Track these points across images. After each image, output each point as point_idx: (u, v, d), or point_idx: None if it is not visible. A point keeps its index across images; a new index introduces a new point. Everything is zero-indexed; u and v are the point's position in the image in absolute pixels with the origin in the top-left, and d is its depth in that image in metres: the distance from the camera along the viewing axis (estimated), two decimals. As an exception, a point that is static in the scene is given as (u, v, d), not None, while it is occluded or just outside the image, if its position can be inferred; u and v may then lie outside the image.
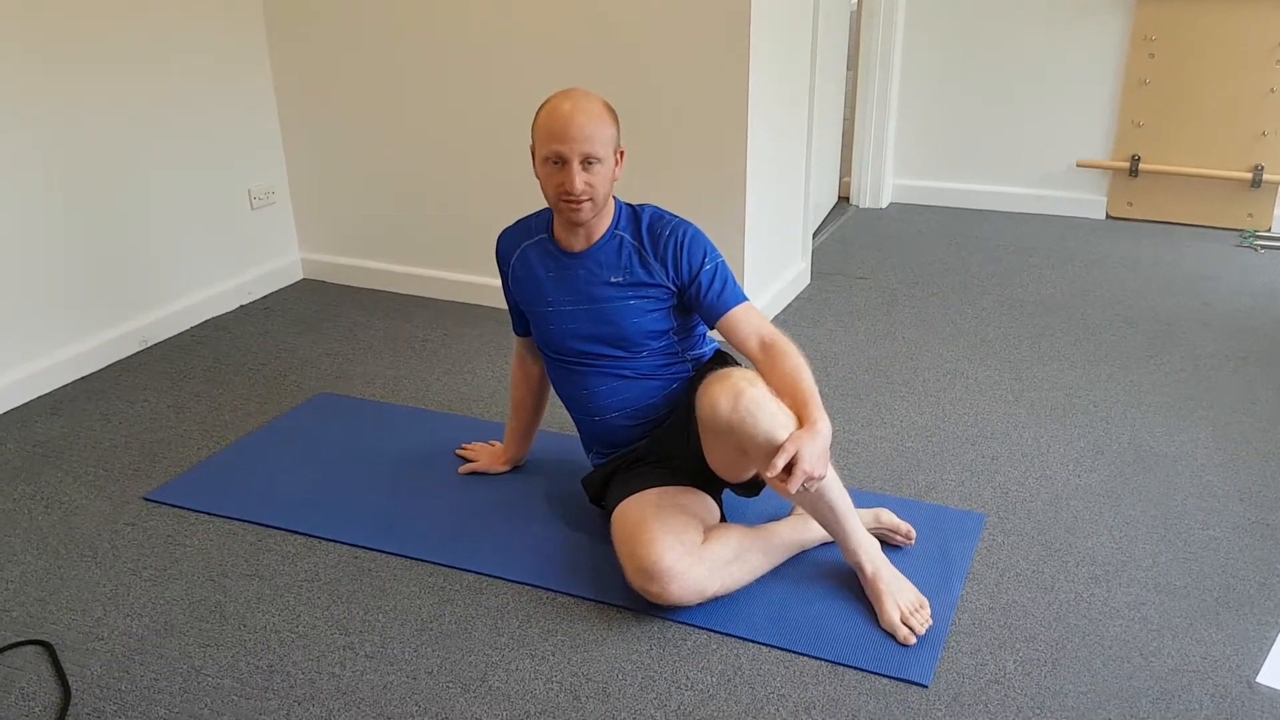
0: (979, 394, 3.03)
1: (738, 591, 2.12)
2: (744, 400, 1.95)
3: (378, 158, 3.78)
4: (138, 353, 3.39)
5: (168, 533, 2.42)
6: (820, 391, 2.05)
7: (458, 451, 2.68)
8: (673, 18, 3.15)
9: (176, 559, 2.32)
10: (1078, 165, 4.65)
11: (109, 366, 3.30)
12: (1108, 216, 4.67)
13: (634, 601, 2.12)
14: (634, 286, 2.21)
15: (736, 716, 1.84)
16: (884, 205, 4.93)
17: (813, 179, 3.80)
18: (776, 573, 2.18)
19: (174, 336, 3.52)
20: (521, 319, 2.44)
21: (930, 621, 2.05)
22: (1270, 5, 4.16)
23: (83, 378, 3.22)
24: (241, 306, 3.77)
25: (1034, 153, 4.71)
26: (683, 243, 2.21)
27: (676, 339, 2.28)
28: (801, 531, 2.24)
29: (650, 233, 2.24)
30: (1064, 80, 4.55)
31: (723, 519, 2.25)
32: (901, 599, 2.06)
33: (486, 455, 2.63)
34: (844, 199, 5.01)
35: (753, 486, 2.23)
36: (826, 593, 2.14)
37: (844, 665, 1.95)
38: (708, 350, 2.36)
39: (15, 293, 3.04)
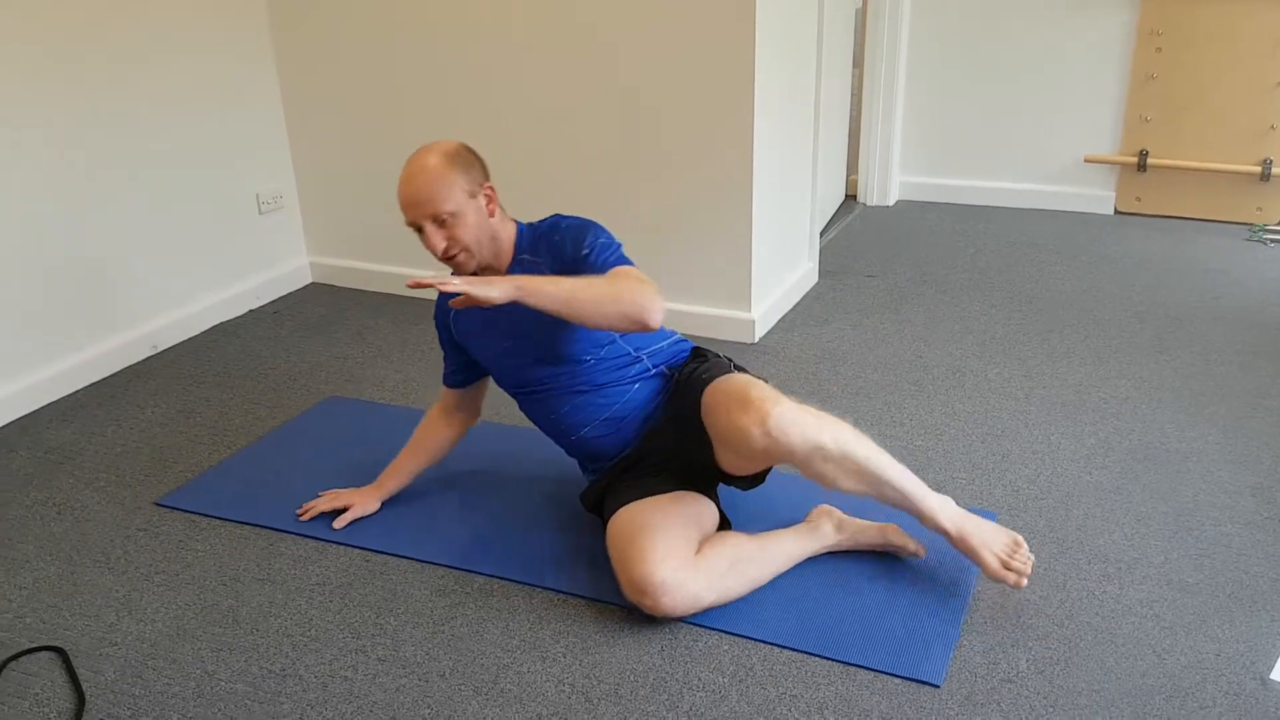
0: (988, 391, 3.02)
1: (747, 595, 2.12)
2: (771, 422, 1.95)
3: (385, 161, 3.78)
4: (148, 358, 3.40)
5: (179, 538, 2.42)
6: (829, 390, 2.04)
7: (320, 506, 2.47)
8: (677, 18, 3.15)
9: (189, 564, 2.33)
10: (1085, 161, 4.64)
11: (119, 372, 3.31)
12: (1116, 212, 4.66)
13: (645, 603, 2.12)
14: None
15: (748, 717, 1.84)
16: (891, 203, 4.93)
17: (819, 177, 3.80)
18: (788, 573, 2.18)
19: (184, 342, 3.53)
20: (456, 371, 2.43)
21: (1032, 557, 2.10)
22: (1278, -2, 4.16)
23: (94, 384, 3.23)
24: (251, 311, 3.78)
25: (1041, 149, 4.70)
26: (565, 238, 2.20)
27: (622, 339, 2.25)
28: (807, 541, 2.22)
29: (546, 244, 2.23)
30: (1071, 76, 4.54)
31: (722, 517, 2.25)
32: (996, 546, 2.08)
33: (358, 497, 2.45)
34: (851, 197, 5.00)
35: (755, 479, 2.24)
36: (838, 593, 2.14)
37: (856, 665, 1.95)
38: (673, 344, 2.32)
39: (25, 299, 3.05)
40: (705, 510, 2.19)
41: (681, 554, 2.04)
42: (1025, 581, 2.05)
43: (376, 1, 3.56)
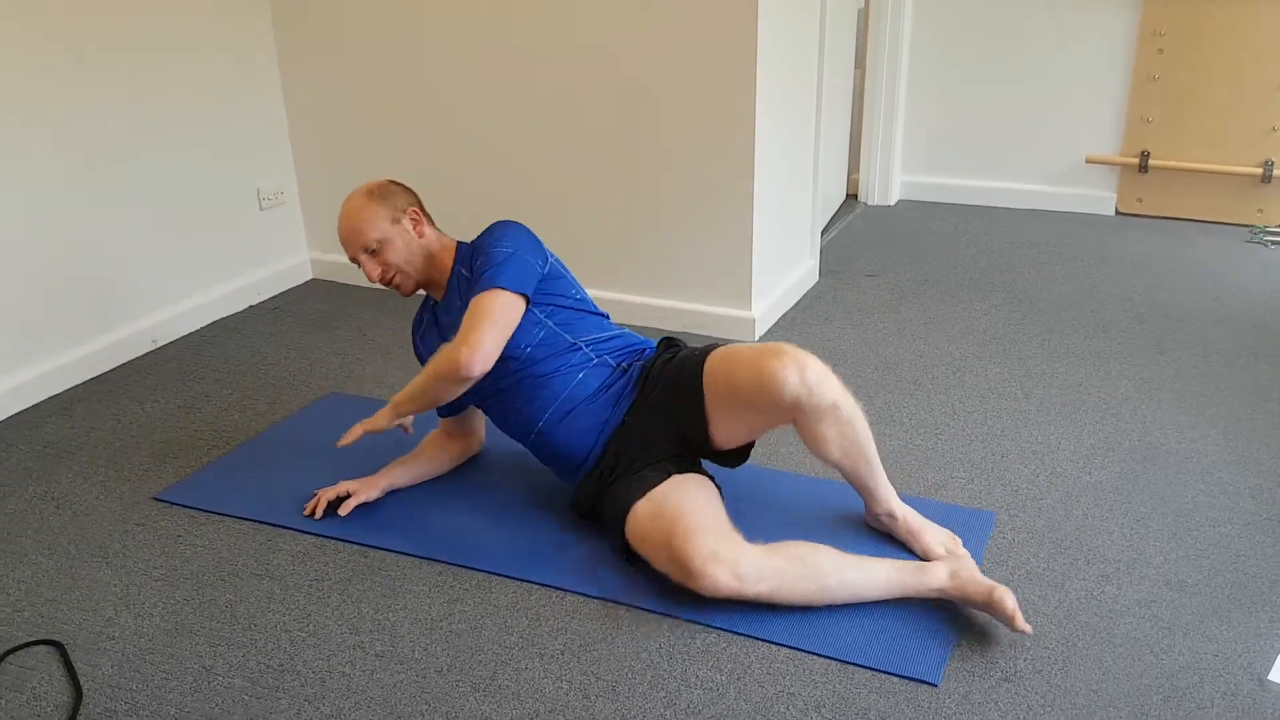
0: (988, 391, 3.02)
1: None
2: (810, 373, 2.05)
3: (386, 157, 3.79)
4: (148, 353, 3.40)
5: (178, 532, 2.42)
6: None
7: (325, 496, 2.46)
8: (679, 16, 3.15)
9: (187, 559, 2.33)
10: (1087, 161, 4.63)
11: (119, 367, 3.31)
12: (1117, 212, 4.66)
13: (643, 600, 2.12)
14: None
15: (746, 715, 1.84)
16: (892, 202, 4.93)
17: (821, 176, 3.80)
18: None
19: (184, 337, 3.53)
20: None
21: (966, 553, 2.18)
22: (1280, 0, 4.15)
23: (93, 378, 3.23)
24: (251, 307, 3.78)
25: (1043, 149, 4.69)
26: (479, 251, 2.32)
27: (558, 328, 2.33)
28: (909, 576, 2.09)
29: (474, 253, 2.35)
30: (1073, 76, 4.54)
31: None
32: (940, 535, 2.23)
33: (359, 485, 2.46)
34: (852, 196, 5.00)
35: (741, 455, 2.31)
36: (836, 591, 2.14)
37: (854, 664, 1.95)
38: (614, 337, 2.39)
39: (25, 293, 3.05)
40: (711, 488, 2.24)
41: (723, 528, 2.09)
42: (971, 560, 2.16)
43: (379, 4, 3.57)
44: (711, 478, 2.29)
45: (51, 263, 3.11)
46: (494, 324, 2.20)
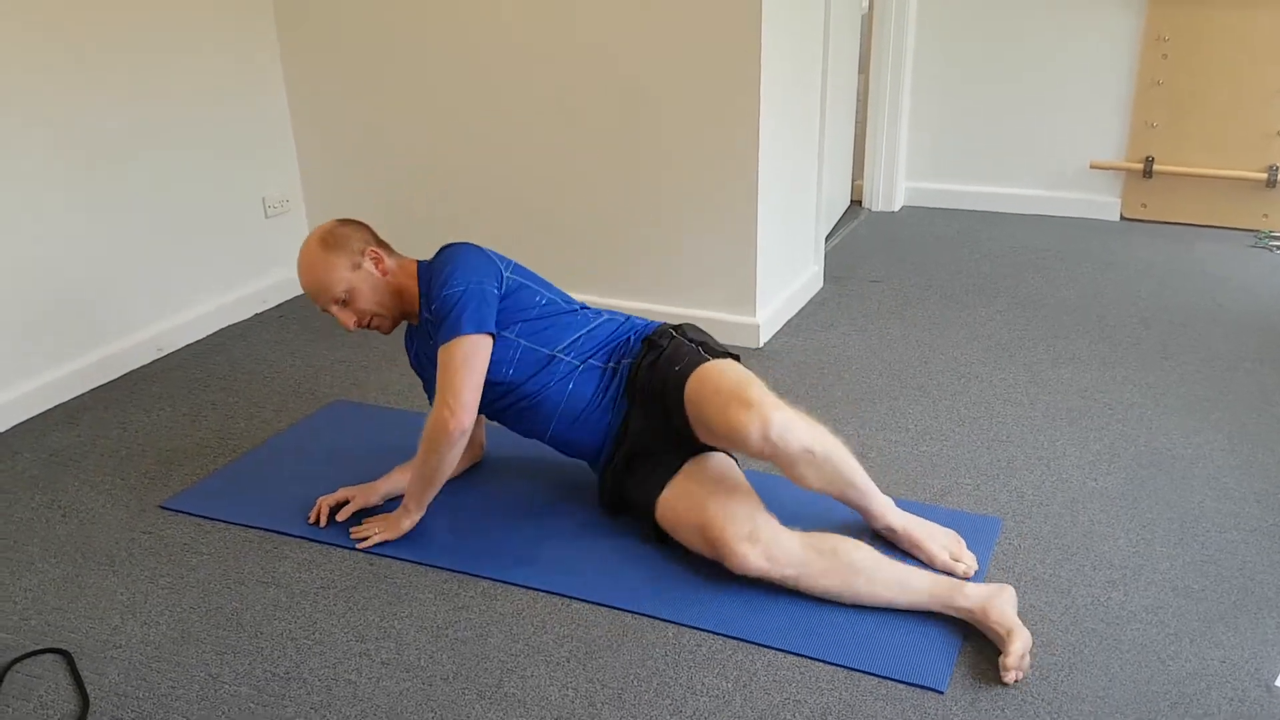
0: (994, 397, 3.02)
1: (762, 598, 2.12)
2: (774, 431, 2.03)
3: (391, 166, 3.80)
4: (153, 361, 3.41)
5: (184, 541, 2.43)
6: (834, 395, 2.06)
7: (325, 504, 2.46)
8: (683, 22, 3.15)
9: (193, 567, 2.33)
10: (1091, 167, 4.63)
11: (125, 375, 3.31)
12: (1122, 218, 4.65)
13: (649, 607, 2.12)
14: None
15: (752, 722, 1.84)
16: (896, 208, 4.93)
17: (825, 182, 3.80)
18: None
19: (189, 345, 3.53)
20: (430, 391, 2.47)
21: (973, 555, 2.20)
22: (1284, 4, 4.15)
23: (99, 386, 3.23)
24: (256, 314, 3.78)
25: (1047, 154, 4.69)
26: (434, 280, 2.30)
27: (532, 343, 2.32)
28: (942, 590, 2.06)
29: (429, 284, 2.33)
30: (1077, 81, 4.54)
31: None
32: (943, 540, 2.22)
33: (358, 491, 2.46)
34: (856, 202, 5.00)
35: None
36: (841, 598, 2.14)
37: (859, 671, 1.95)
38: (588, 337, 2.37)
39: (31, 302, 3.06)
40: (730, 461, 2.31)
41: (755, 505, 2.16)
42: (974, 569, 2.18)
43: (382, 6, 3.57)
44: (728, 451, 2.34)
45: (56, 271, 3.12)
46: (468, 373, 2.20)
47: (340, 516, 2.43)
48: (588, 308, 2.46)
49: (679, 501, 2.20)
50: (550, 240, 3.61)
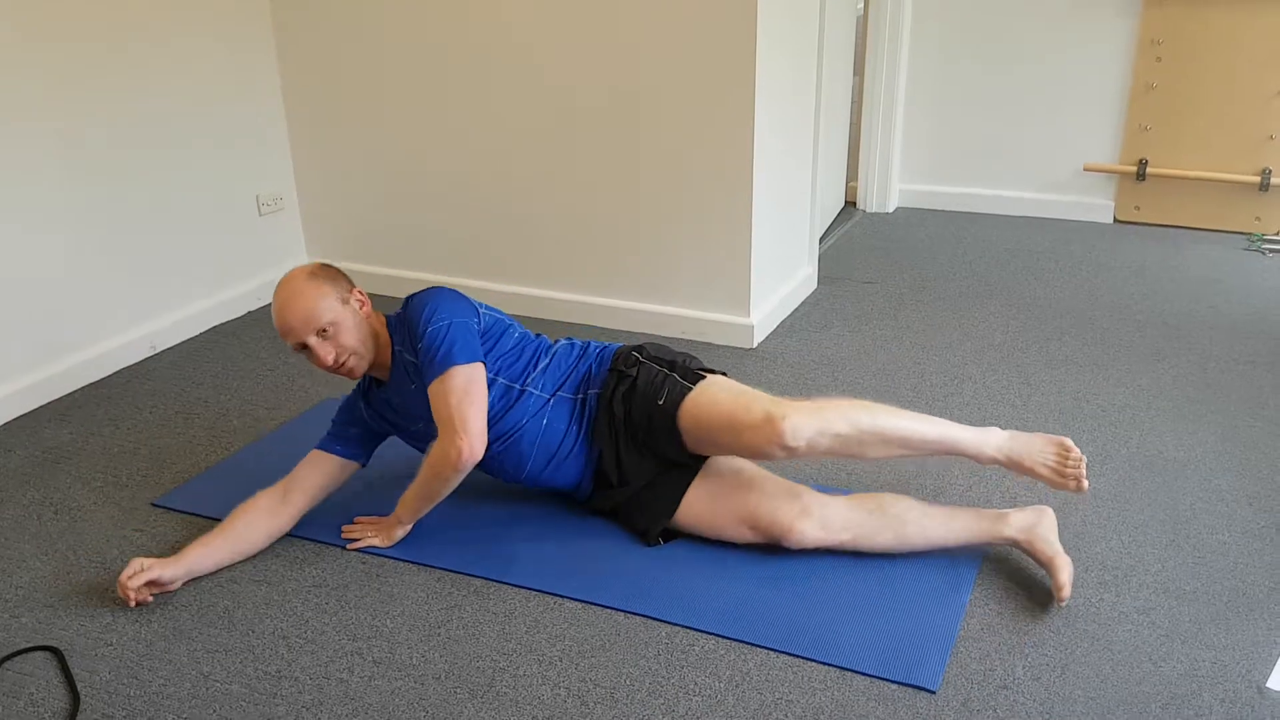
0: (986, 399, 3.02)
1: (755, 599, 2.12)
2: (788, 438, 2.07)
3: (386, 163, 3.79)
4: (147, 359, 3.40)
5: (176, 538, 2.42)
6: (827, 395, 2.06)
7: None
8: (678, 24, 3.15)
9: (185, 565, 2.32)
10: (1085, 169, 4.64)
11: (118, 372, 3.30)
12: (1115, 220, 4.66)
13: (641, 607, 2.12)
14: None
15: (744, 722, 1.84)
16: (890, 210, 4.93)
17: (819, 184, 3.80)
18: (783, 580, 2.18)
19: (183, 342, 3.53)
20: (349, 440, 2.38)
21: (1083, 457, 2.15)
22: (1278, 8, 4.15)
23: (92, 384, 3.23)
24: (250, 312, 3.78)
25: (1041, 157, 4.70)
26: (411, 328, 2.26)
27: (504, 378, 2.30)
28: (982, 522, 2.22)
29: (402, 331, 2.30)
30: (1071, 84, 4.55)
31: None
32: (1049, 459, 2.17)
33: (156, 564, 2.18)
34: (850, 204, 5.01)
35: None
36: (834, 598, 2.14)
37: (852, 671, 1.95)
38: (552, 368, 2.35)
39: (24, 298, 3.05)
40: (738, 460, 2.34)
41: (786, 483, 2.25)
42: (1086, 484, 2.15)
43: (377, 4, 3.57)
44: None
45: (50, 268, 3.11)
46: (471, 402, 2.17)
47: (132, 591, 2.14)
48: (543, 336, 2.44)
49: (708, 504, 2.26)
50: (545, 240, 3.61)
